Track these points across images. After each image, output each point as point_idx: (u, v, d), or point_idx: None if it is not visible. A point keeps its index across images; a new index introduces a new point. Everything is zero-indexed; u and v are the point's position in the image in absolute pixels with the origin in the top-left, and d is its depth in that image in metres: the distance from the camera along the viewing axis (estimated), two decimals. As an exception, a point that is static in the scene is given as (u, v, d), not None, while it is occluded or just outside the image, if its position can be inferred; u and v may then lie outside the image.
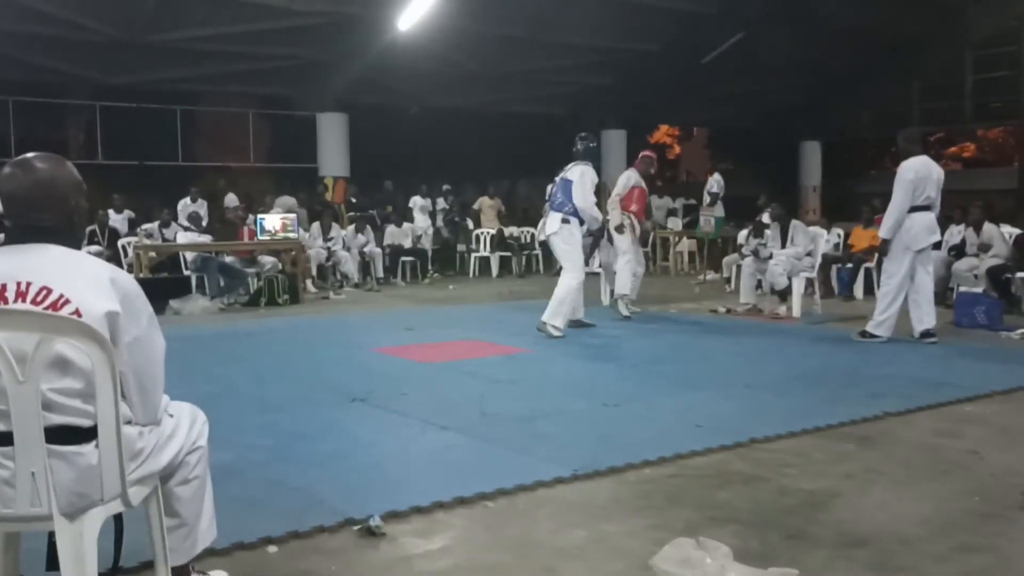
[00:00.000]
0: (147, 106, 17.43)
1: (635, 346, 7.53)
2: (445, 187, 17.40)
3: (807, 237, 9.46)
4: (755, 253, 9.69)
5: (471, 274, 15.31)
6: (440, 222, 16.69)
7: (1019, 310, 8.95)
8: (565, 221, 7.95)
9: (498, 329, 8.38)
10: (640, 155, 9.79)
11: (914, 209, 7.15)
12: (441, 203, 17.10)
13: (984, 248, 9.79)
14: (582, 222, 8.03)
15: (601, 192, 8.55)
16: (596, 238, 8.90)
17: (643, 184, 9.43)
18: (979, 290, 9.03)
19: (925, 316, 7.25)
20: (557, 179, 8.33)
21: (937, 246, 8.47)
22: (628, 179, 9.35)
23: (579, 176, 8.00)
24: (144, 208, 14.66)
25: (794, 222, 9.64)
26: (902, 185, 7.13)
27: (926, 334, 7.22)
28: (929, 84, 23.65)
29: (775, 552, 2.87)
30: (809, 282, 9.56)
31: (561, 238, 8.04)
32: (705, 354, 7.15)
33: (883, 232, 7.27)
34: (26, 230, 2.14)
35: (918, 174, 7.13)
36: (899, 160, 7.39)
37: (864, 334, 7.36)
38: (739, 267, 10.51)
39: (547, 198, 9.43)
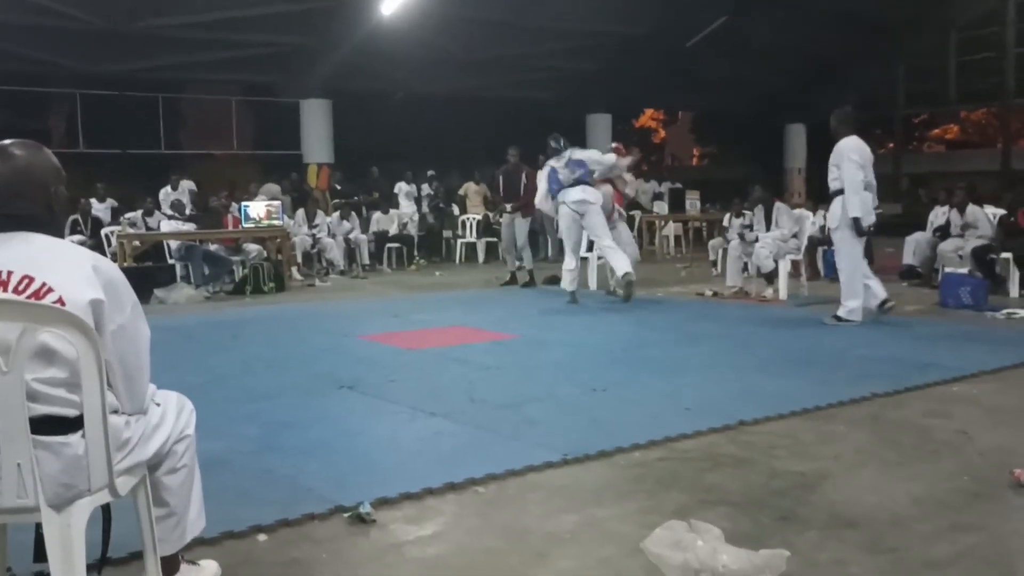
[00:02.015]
0: (129, 94, 17.29)
1: (623, 331, 7.52)
2: (430, 173, 17.34)
3: (791, 219, 9.47)
4: (741, 236, 9.70)
5: (457, 260, 15.28)
6: (426, 208, 16.64)
7: (1004, 290, 9.00)
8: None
9: (485, 315, 8.37)
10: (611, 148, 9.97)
11: None
12: (426, 189, 17.04)
13: (966, 227, 9.81)
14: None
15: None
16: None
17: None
18: (964, 271, 9.08)
19: (875, 289, 7.29)
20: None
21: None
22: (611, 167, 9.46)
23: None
24: (127, 197, 14.55)
25: (778, 204, 9.65)
26: (849, 163, 7.13)
27: (883, 303, 7.26)
28: (914, 66, 23.68)
29: (766, 534, 2.87)
30: (795, 264, 9.58)
31: None
32: (693, 337, 7.15)
33: (853, 211, 7.13)
34: (5, 219, 2.10)
35: (860, 154, 7.16)
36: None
37: (838, 319, 7.33)
38: (725, 250, 10.53)
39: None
